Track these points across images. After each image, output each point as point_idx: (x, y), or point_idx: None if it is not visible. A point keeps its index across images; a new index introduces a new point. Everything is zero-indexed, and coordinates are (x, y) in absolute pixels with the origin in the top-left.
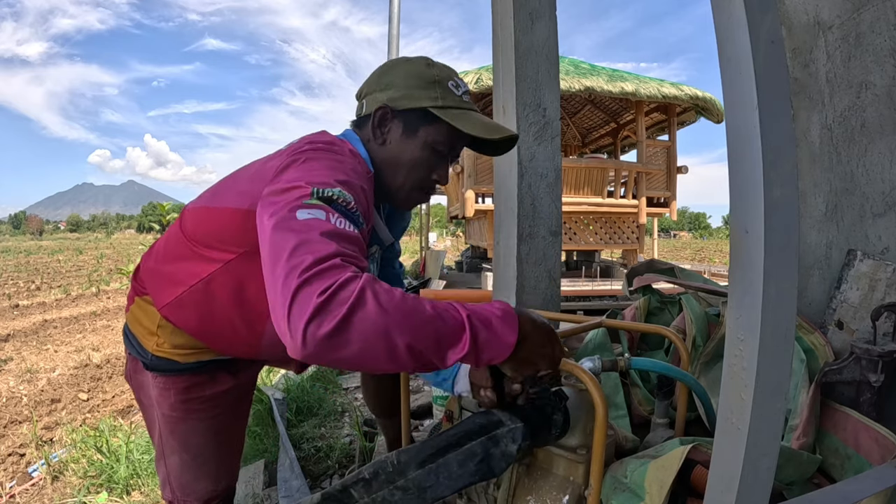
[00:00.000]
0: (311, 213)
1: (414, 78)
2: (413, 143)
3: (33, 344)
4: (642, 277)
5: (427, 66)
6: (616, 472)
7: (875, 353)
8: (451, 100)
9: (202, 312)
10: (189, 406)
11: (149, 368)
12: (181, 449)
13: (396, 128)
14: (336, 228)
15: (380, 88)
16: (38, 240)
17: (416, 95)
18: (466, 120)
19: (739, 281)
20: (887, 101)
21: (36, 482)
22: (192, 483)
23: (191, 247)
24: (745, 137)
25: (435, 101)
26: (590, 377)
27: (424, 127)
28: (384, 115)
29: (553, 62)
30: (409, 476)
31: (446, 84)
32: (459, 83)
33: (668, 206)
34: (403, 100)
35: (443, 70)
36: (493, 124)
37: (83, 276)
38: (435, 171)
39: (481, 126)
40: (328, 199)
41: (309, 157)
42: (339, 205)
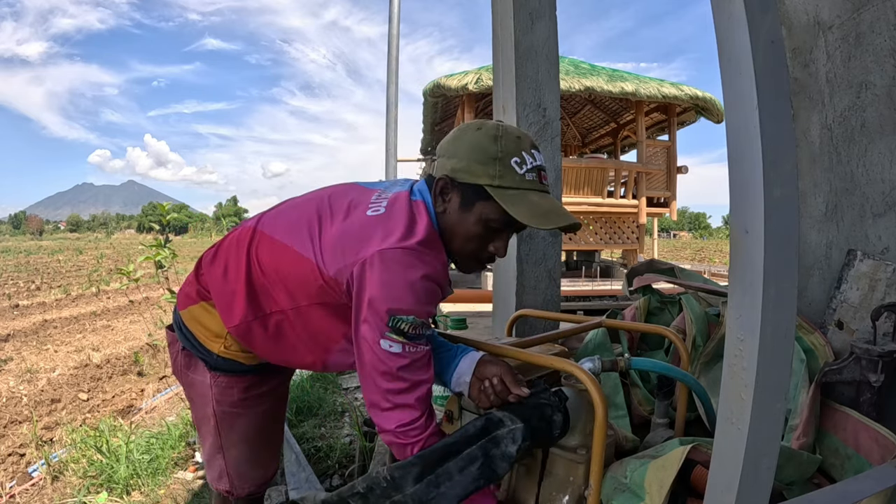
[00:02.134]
0: (390, 346)
1: (477, 151)
2: (469, 217)
3: (33, 344)
4: (642, 277)
5: (493, 141)
6: (616, 472)
7: (875, 353)
8: (510, 179)
9: (269, 341)
10: (249, 402)
11: (213, 368)
12: (241, 441)
13: (455, 198)
14: (409, 362)
15: (447, 155)
16: (38, 240)
17: (475, 171)
18: (520, 204)
19: (739, 281)
20: (887, 101)
21: (36, 482)
22: (249, 472)
23: (264, 280)
24: (745, 137)
25: (492, 181)
26: (589, 377)
27: (480, 202)
28: (445, 185)
29: (553, 62)
30: (407, 492)
31: (508, 162)
32: (526, 159)
33: (668, 206)
34: (463, 173)
35: (509, 144)
36: (546, 211)
37: (83, 276)
38: (492, 244)
39: (531, 213)
40: (400, 332)
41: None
42: (411, 334)
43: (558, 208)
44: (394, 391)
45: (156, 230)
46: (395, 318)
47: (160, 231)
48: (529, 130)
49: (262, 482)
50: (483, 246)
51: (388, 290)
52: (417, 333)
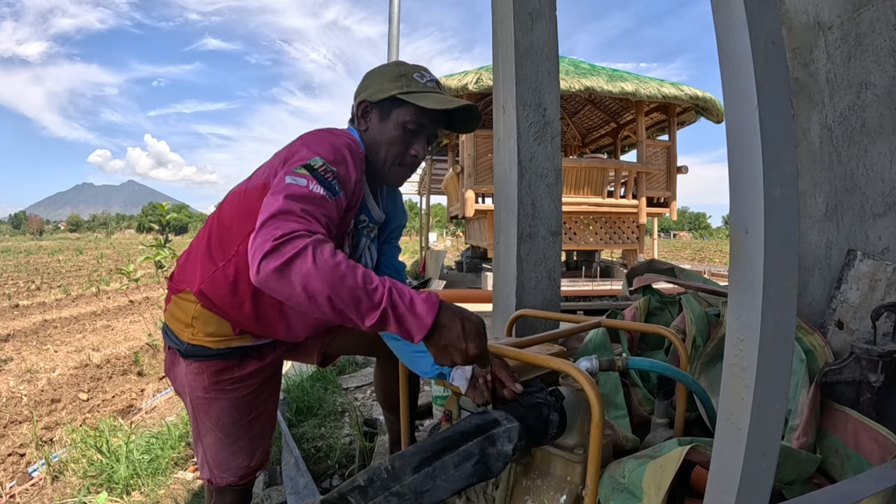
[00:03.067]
0: (293, 179)
1: (384, 76)
2: (388, 125)
3: (33, 344)
4: (642, 277)
5: (396, 66)
6: (614, 472)
7: (875, 353)
8: (415, 86)
9: (232, 286)
10: (220, 387)
11: (184, 356)
12: (216, 428)
13: (375, 116)
14: (308, 192)
15: (362, 90)
16: (38, 240)
17: (385, 88)
18: (426, 99)
19: (739, 281)
20: (887, 101)
21: (36, 482)
22: (228, 460)
23: (220, 231)
24: (745, 137)
25: (401, 89)
26: (585, 377)
27: (395, 110)
28: (365, 107)
29: (553, 62)
30: (405, 481)
31: (411, 76)
32: (425, 75)
33: (668, 206)
34: (377, 93)
35: (409, 67)
36: (447, 100)
37: (83, 276)
38: (412, 147)
39: (436, 102)
40: (310, 168)
41: (311, 139)
42: (318, 173)
43: (457, 99)
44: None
45: (156, 230)
46: (307, 160)
47: (160, 231)
48: (529, 130)
49: (244, 473)
50: (405, 149)
51: (304, 148)
52: (326, 177)
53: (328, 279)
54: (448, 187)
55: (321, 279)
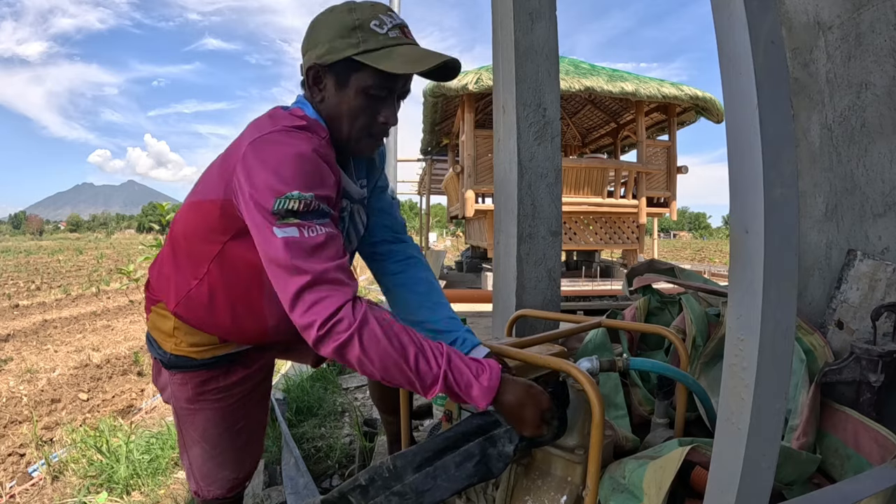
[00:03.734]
0: (284, 233)
1: (335, 29)
2: (348, 94)
3: (33, 344)
4: (642, 277)
5: (348, 13)
6: (614, 472)
7: (875, 353)
8: (374, 41)
9: (208, 306)
10: (205, 397)
11: (167, 367)
12: (201, 439)
13: (330, 82)
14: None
15: (310, 48)
16: (38, 240)
17: (338, 47)
18: (389, 59)
19: (739, 281)
20: (887, 101)
21: (36, 482)
22: (214, 472)
23: (186, 246)
24: (745, 137)
25: (357, 48)
26: (586, 378)
27: (354, 75)
28: (316, 73)
29: (553, 62)
30: (407, 481)
31: (368, 26)
32: (384, 20)
33: (668, 206)
34: (328, 54)
35: (364, 12)
36: (420, 57)
37: (83, 276)
38: (380, 114)
39: (403, 62)
40: (293, 213)
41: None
42: (302, 214)
43: (430, 52)
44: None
45: (156, 230)
46: (279, 199)
47: (160, 231)
48: (529, 130)
49: (232, 486)
50: (372, 119)
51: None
52: (311, 209)
53: (380, 365)
54: (448, 187)
55: (373, 364)
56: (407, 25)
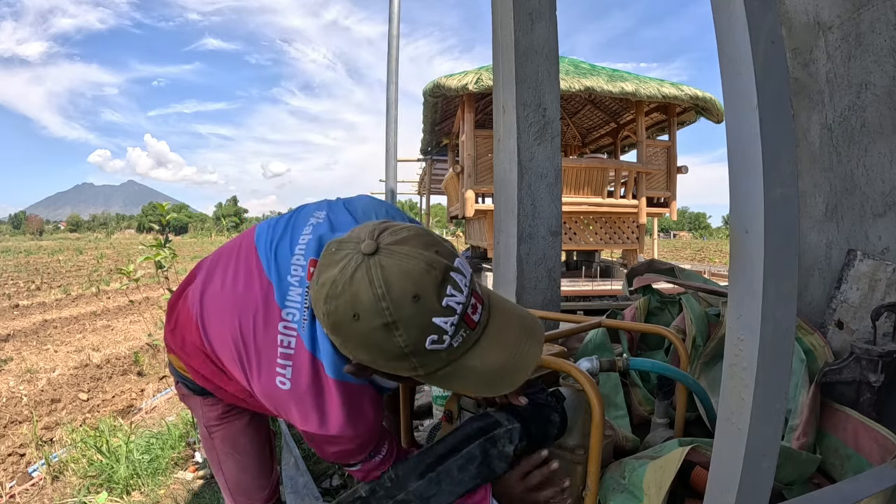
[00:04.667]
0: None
1: (376, 351)
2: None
3: (33, 344)
4: (642, 277)
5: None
6: (614, 472)
7: (875, 353)
8: (435, 362)
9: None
10: (234, 411)
11: (197, 394)
12: (233, 451)
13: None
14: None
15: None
16: (38, 240)
17: (390, 366)
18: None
19: (739, 281)
20: (887, 101)
21: (36, 482)
22: (250, 484)
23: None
24: (745, 137)
25: (415, 372)
26: (586, 378)
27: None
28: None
29: (553, 62)
30: (410, 488)
31: (423, 348)
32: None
33: (668, 206)
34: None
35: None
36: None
37: (83, 276)
38: None
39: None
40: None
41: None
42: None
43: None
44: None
45: (156, 230)
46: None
47: (160, 231)
48: (529, 130)
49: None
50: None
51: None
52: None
53: None
54: (448, 187)
55: None
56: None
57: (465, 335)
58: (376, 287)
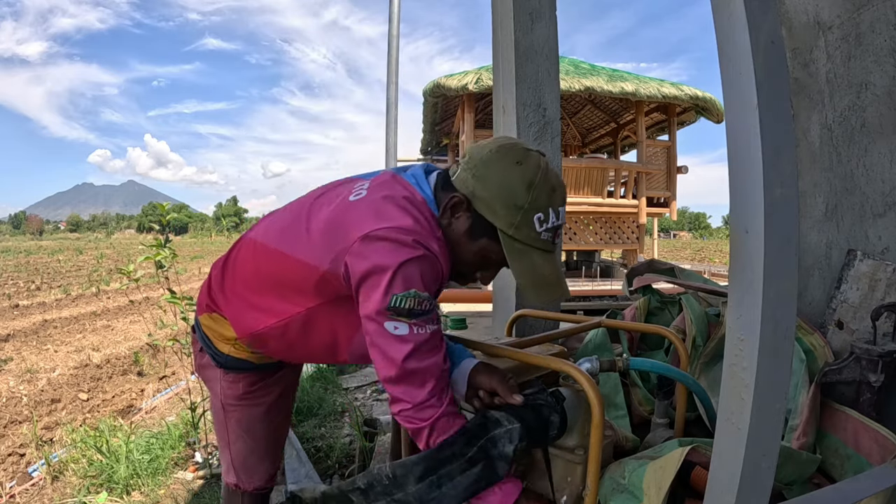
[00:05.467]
0: (395, 329)
1: (506, 192)
2: (471, 245)
3: (33, 344)
4: (642, 277)
5: (527, 189)
6: (614, 472)
7: (875, 353)
8: (525, 233)
9: (283, 346)
10: (254, 394)
11: (223, 366)
12: (246, 435)
13: (465, 221)
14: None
15: (475, 175)
16: (38, 240)
17: (496, 210)
18: (522, 261)
19: (739, 281)
20: (887, 101)
21: (36, 482)
22: (256, 465)
23: (269, 286)
24: (745, 137)
25: (508, 228)
26: (586, 378)
27: (487, 239)
28: (459, 203)
29: (553, 62)
30: (409, 490)
31: (531, 217)
32: (550, 216)
33: (668, 206)
34: (483, 205)
35: (541, 197)
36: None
37: (83, 276)
38: (480, 272)
39: (529, 277)
40: (408, 312)
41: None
42: (416, 311)
43: (555, 277)
44: (403, 376)
45: (156, 230)
46: (395, 296)
47: (160, 231)
48: (529, 130)
49: (269, 476)
50: (472, 271)
51: (383, 269)
52: (423, 309)
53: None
54: None
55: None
56: (563, 225)
57: (547, 239)
58: (542, 162)
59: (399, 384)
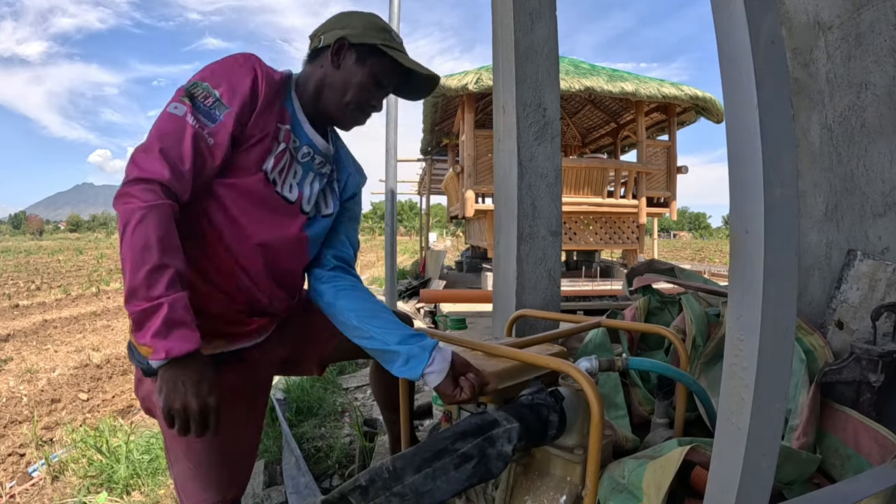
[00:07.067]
0: (174, 108)
1: (369, 23)
2: (362, 71)
3: (33, 344)
4: (642, 277)
5: (376, 17)
6: (614, 472)
7: (875, 353)
8: (394, 44)
9: None
10: None
11: (147, 374)
12: (184, 456)
13: (350, 57)
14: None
15: (339, 27)
16: (38, 240)
17: (370, 35)
18: (404, 59)
19: (739, 281)
20: (887, 101)
21: (36, 482)
22: (197, 493)
23: None
24: (745, 137)
25: (384, 42)
26: (585, 377)
27: (372, 59)
28: (342, 45)
29: (553, 62)
30: (406, 482)
31: (391, 34)
32: (397, 37)
33: (668, 206)
34: (360, 36)
35: (386, 24)
36: (420, 64)
37: (83, 276)
38: (374, 97)
39: (412, 62)
40: (191, 96)
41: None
42: (199, 101)
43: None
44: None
45: None
46: (196, 82)
47: None
48: (529, 130)
49: None
50: (368, 98)
51: (206, 66)
52: (205, 104)
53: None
54: (448, 187)
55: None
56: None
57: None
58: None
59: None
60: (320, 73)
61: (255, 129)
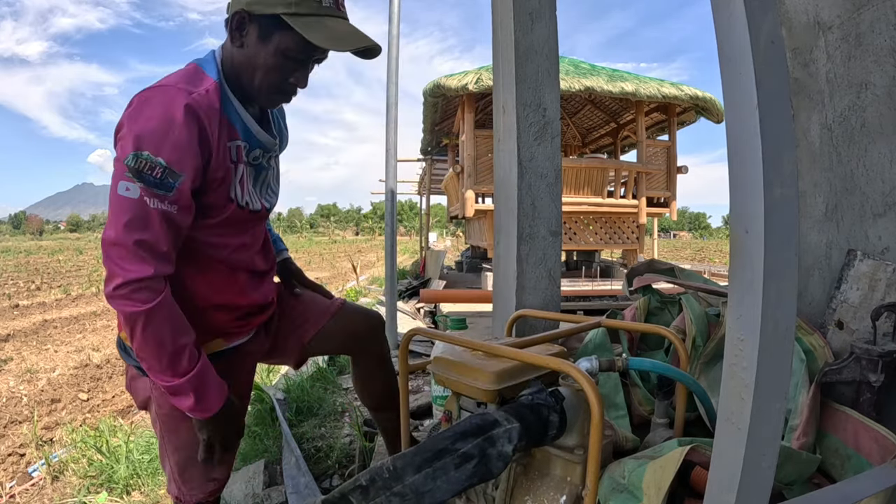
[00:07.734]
0: (126, 191)
1: None
2: (267, 49)
3: (33, 344)
4: (642, 277)
5: None
6: (614, 472)
7: (875, 353)
8: (306, 6)
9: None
10: None
11: (145, 374)
12: (183, 447)
13: (253, 32)
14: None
15: None
16: (38, 240)
17: (270, 1)
18: (317, 30)
19: (739, 281)
20: (887, 101)
21: (36, 482)
22: (197, 477)
23: None
24: (745, 137)
25: (288, 8)
26: (585, 377)
27: (279, 33)
28: (241, 19)
29: (553, 62)
30: (407, 482)
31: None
32: None
33: (668, 206)
34: (258, 4)
35: None
36: (345, 35)
37: (83, 276)
38: (292, 76)
39: (328, 37)
40: (137, 171)
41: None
42: (146, 175)
43: (356, 32)
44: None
45: None
46: (136, 154)
47: None
48: (529, 130)
49: (213, 490)
50: (284, 78)
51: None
52: (154, 176)
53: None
54: (448, 187)
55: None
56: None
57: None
58: None
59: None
60: (229, 53)
61: (216, 172)
